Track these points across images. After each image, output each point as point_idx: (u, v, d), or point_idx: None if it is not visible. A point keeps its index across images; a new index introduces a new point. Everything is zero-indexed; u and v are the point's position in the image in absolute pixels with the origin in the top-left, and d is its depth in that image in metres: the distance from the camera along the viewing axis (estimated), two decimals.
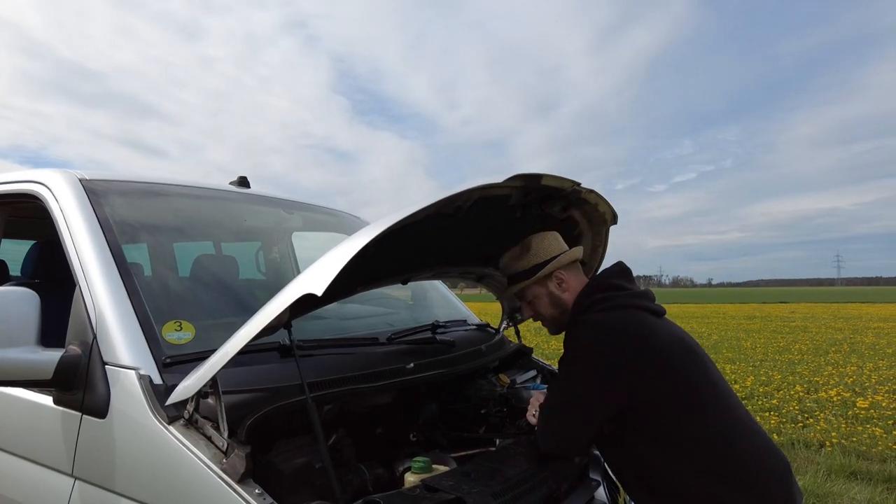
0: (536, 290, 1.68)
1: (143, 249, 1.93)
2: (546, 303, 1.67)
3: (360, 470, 1.46)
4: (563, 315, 1.66)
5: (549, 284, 1.66)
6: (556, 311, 1.67)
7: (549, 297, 1.67)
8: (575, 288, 1.66)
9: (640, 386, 1.41)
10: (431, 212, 1.21)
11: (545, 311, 1.69)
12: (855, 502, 3.80)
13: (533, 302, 1.70)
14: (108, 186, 1.91)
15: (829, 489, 4.08)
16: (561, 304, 1.66)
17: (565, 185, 1.58)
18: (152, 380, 1.34)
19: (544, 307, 1.68)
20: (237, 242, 2.67)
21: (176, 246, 2.05)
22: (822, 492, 4.01)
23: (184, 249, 2.13)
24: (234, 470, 1.15)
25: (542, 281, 1.66)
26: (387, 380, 1.59)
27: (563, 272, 1.66)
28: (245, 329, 1.16)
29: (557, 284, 1.65)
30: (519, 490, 1.34)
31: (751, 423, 1.49)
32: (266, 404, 1.33)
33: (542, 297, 1.68)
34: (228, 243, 2.56)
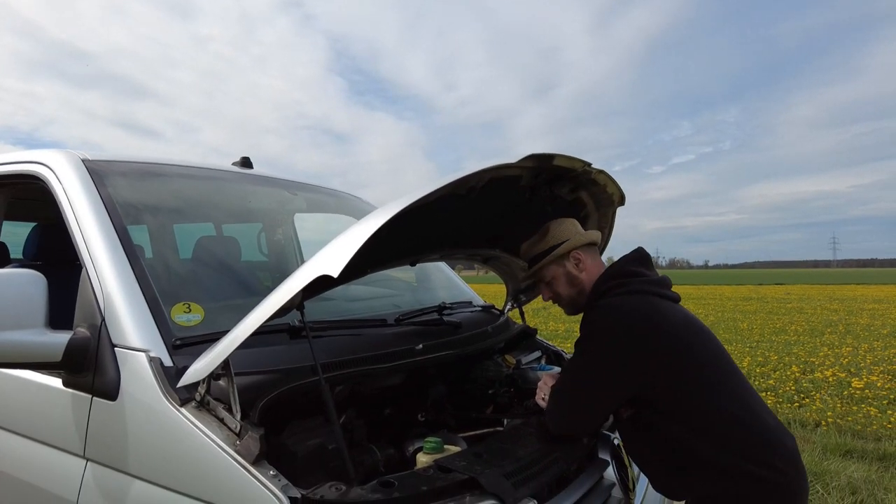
0: (554, 270, 1.71)
1: (147, 231, 1.91)
2: (564, 283, 1.70)
3: (371, 450, 1.47)
4: (581, 296, 1.68)
5: (567, 264, 1.69)
6: (573, 290, 1.70)
7: (567, 277, 1.69)
8: (592, 270, 1.68)
9: (654, 369, 1.41)
10: (445, 192, 1.20)
11: (563, 292, 1.72)
12: (852, 480, 3.86)
13: (551, 282, 1.73)
14: (111, 167, 1.88)
15: (826, 468, 4.14)
16: (578, 283, 1.68)
17: (576, 165, 1.57)
18: (163, 362, 1.34)
19: (562, 287, 1.71)
20: (238, 224, 2.65)
21: (177, 227, 2.03)
22: (819, 470, 4.07)
23: (186, 231, 2.11)
24: (248, 451, 1.15)
25: (560, 261, 1.69)
26: (397, 361, 1.59)
27: (580, 252, 1.68)
28: (259, 310, 1.15)
29: (575, 264, 1.68)
30: (531, 470, 1.34)
31: (763, 401, 1.50)
32: (278, 386, 1.32)
33: (559, 277, 1.70)
34: (229, 224, 2.54)
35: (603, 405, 1.48)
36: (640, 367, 1.41)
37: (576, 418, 1.51)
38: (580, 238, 1.69)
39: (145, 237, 1.89)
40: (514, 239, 2.13)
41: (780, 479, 1.38)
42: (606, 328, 1.44)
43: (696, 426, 1.42)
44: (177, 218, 2.05)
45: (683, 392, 1.43)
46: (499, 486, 1.23)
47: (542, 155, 1.35)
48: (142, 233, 1.85)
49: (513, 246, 2.18)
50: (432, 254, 1.85)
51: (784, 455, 1.41)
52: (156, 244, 1.92)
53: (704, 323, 1.56)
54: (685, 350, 1.43)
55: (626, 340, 1.41)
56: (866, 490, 3.69)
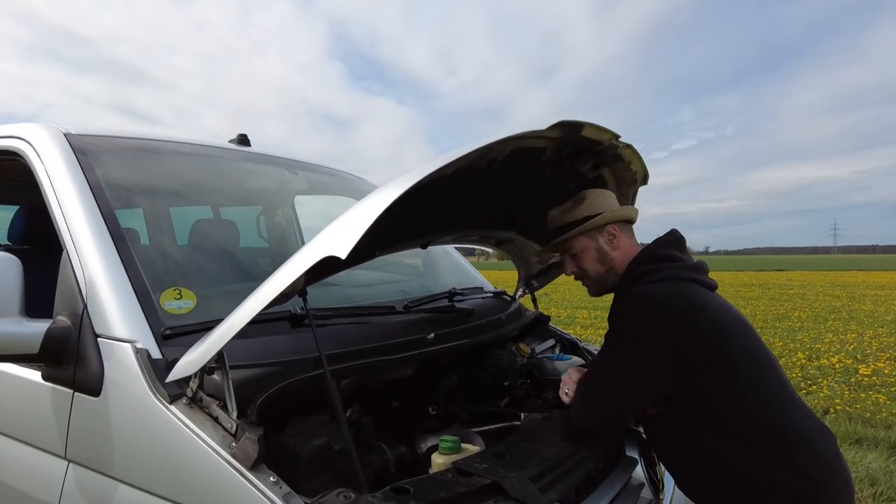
0: (585, 242, 1.55)
1: (135, 213, 1.77)
2: (593, 258, 1.54)
3: (380, 449, 1.35)
4: (610, 275, 1.54)
5: (600, 238, 1.53)
6: (602, 268, 1.55)
7: (598, 253, 1.54)
8: (626, 250, 1.53)
9: (691, 363, 1.29)
10: (464, 164, 1.06)
11: (591, 268, 1.56)
12: (871, 471, 3.76)
13: (579, 256, 1.57)
14: (96, 143, 1.74)
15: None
16: (608, 261, 1.53)
17: (604, 137, 1.43)
18: (150, 354, 1.21)
19: (591, 263, 1.55)
20: (237, 207, 2.50)
21: (172, 210, 1.89)
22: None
23: (179, 214, 1.97)
24: (245, 455, 1.02)
25: (593, 233, 1.53)
26: (407, 351, 1.46)
27: (615, 227, 1.53)
28: (257, 296, 1.02)
29: (608, 240, 1.53)
30: (557, 472, 1.22)
31: (801, 400, 1.38)
32: (278, 380, 1.20)
33: (590, 251, 1.54)
34: (227, 208, 2.40)
35: (635, 402, 1.35)
36: (675, 361, 1.29)
37: (605, 415, 1.38)
38: (618, 212, 1.54)
39: (137, 220, 1.76)
40: (530, 221, 1.99)
41: (815, 490, 1.26)
42: (640, 318, 1.31)
43: (727, 429, 1.30)
44: (167, 199, 1.91)
45: (716, 391, 1.30)
46: (524, 492, 1.10)
47: (571, 123, 1.21)
48: (133, 215, 1.72)
49: (528, 228, 2.04)
50: (445, 235, 1.71)
51: (821, 463, 1.29)
52: (149, 228, 1.78)
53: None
54: (724, 344, 1.31)
55: (662, 332, 1.29)
56: (885, 482, 3.59)
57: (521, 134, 1.11)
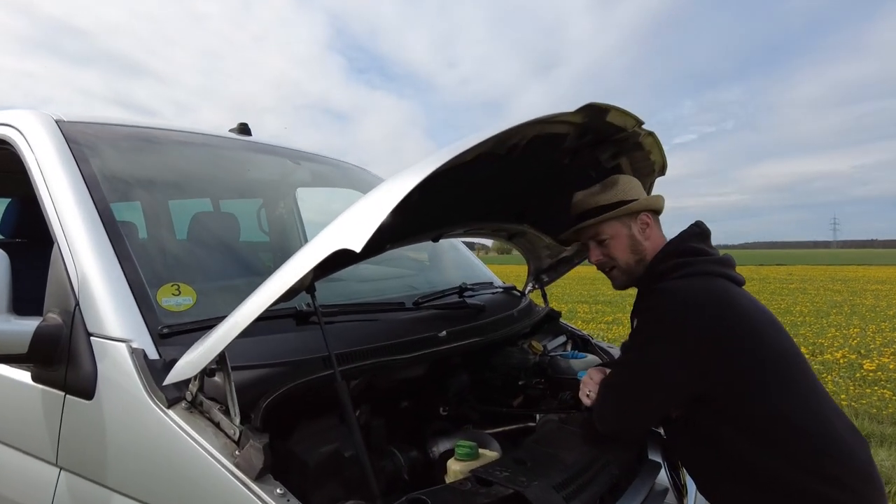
0: (617, 228, 1.43)
1: (131, 205, 1.69)
2: (625, 246, 1.43)
3: (392, 455, 1.27)
4: (639, 266, 1.44)
5: (633, 226, 1.43)
6: (632, 258, 1.44)
7: (630, 241, 1.43)
8: (656, 241, 1.45)
9: (723, 364, 1.21)
10: (485, 149, 0.97)
11: (621, 256, 1.44)
12: (883, 469, 3.70)
13: (609, 243, 1.45)
14: (89, 131, 1.65)
15: None
16: (640, 251, 1.43)
17: (628, 122, 1.35)
18: (146, 354, 1.13)
19: (621, 251, 1.44)
20: (237, 199, 2.42)
21: (170, 203, 1.81)
22: None
23: (178, 207, 1.88)
24: (249, 465, 0.95)
25: (626, 220, 1.43)
26: (419, 350, 1.38)
27: (649, 216, 1.44)
28: (262, 293, 0.94)
29: (641, 229, 1.43)
30: (581, 480, 1.15)
31: (833, 402, 1.30)
32: (284, 382, 1.12)
33: (621, 238, 1.43)
34: (227, 200, 2.31)
35: (663, 404, 1.28)
36: (707, 361, 1.21)
37: (631, 418, 1.30)
38: (652, 200, 1.45)
39: (128, 211, 1.67)
40: (544, 213, 1.91)
41: (848, 499, 1.19)
42: (671, 316, 1.23)
43: (757, 432, 1.23)
44: (165, 191, 1.82)
45: (747, 392, 1.23)
46: (549, 502, 1.03)
47: (599, 106, 1.13)
48: (125, 207, 1.63)
49: (541, 221, 1.96)
50: (458, 228, 1.63)
51: (855, 470, 1.22)
52: (145, 220, 1.70)
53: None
54: (756, 344, 1.23)
55: (694, 331, 1.21)
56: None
57: (547, 117, 1.03)
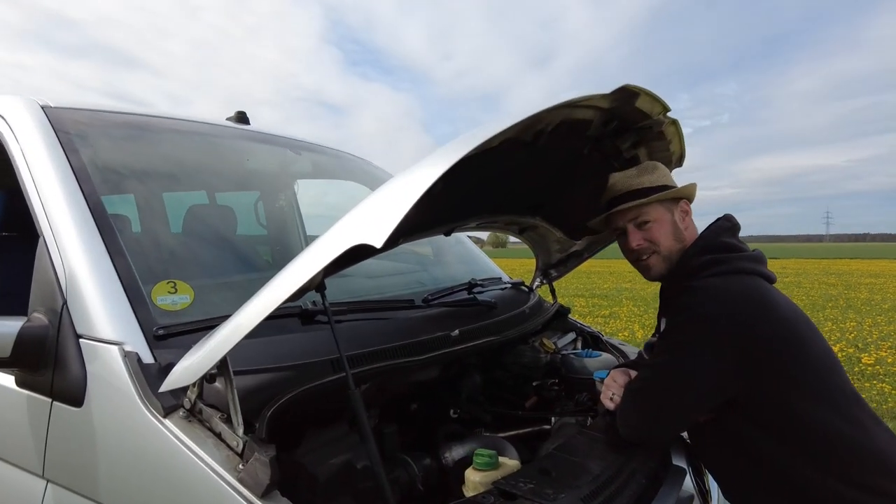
0: (661, 212, 1.35)
1: (124, 198, 1.59)
2: (668, 231, 1.35)
3: (405, 463, 1.19)
4: (678, 255, 1.35)
5: (675, 212, 1.37)
6: (675, 245, 1.35)
7: (673, 227, 1.35)
8: (692, 231, 1.38)
9: (762, 367, 1.14)
10: (512, 134, 0.89)
11: (664, 242, 1.35)
12: None
13: (651, 227, 1.36)
14: (78, 118, 1.55)
15: None
16: (682, 239, 1.36)
17: (656, 109, 1.27)
18: (140, 357, 1.04)
19: (665, 236, 1.35)
20: (234, 192, 2.32)
21: (165, 195, 1.71)
22: None
23: (172, 199, 1.79)
24: (254, 480, 0.86)
25: (669, 205, 1.36)
26: (433, 351, 1.30)
27: (688, 205, 1.39)
28: (269, 291, 0.85)
29: (682, 216, 1.37)
30: (609, 490, 1.07)
31: (870, 407, 1.24)
32: (291, 387, 1.03)
33: (665, 223, 1.35)
34: (224, 193, 2.21)
35: (695, 409, 1.20)
36: (745, 364, 1.13)
37: (661, 425, 1.22)
38: (691, 189, 1.39)
39: (121, 204, 1.57)
40: (558, 206, 1.83)
41: None
42: (708, 316, 1.15)
43: (796, 439, 1.16)
44: (160, 182, 1.72)
45: (785, 399, 1.16)
46: None
47: (632, 89, 1.05)
48: (116, 199, 1.53)
49: (554, 214, 1.88)
50: (471, 221, 1.55)
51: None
52: (139, 214, 1.60)
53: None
54: (796, 348, 1.16)
55: (733, 332, 1.13)
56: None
57: (578, 99, 0.95)
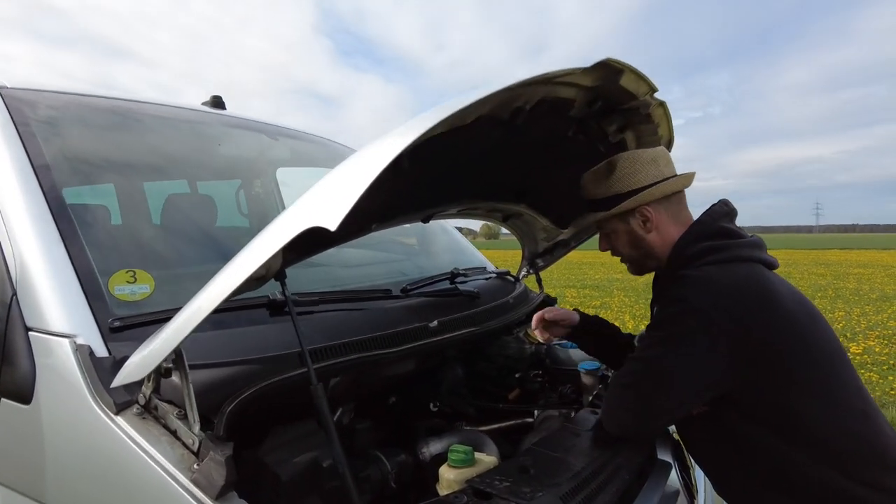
0: (614, 224, 1.32)
1: (87, 185, 1.51)
2: (625, 242, 1.32)
3: (377, 460, 1.14)
4: (648, 259, 1.32)
5: (631, 221, 1.29)
6: (636, 252, 1.32)
7: (629, 237, 1.30)
8: (667, 230, 1.29)
9: (761, 362, 1.09)
10: (486, 110, 0.83)
11: (623, 251, 1.35)
12: None
13: (610, 237, 1.36)
14: (37, 99, 1.47)
15: None
16: (643, 247, 1.30)
17: (642, 88, 1.20)
18: (93, 351, 0.98)
19: (623, 246, 1.34)
20: (215, 181, 2.24)
21: (130, 184, 1.62)
22: None
23: (149, 188, 1.71)
24: (208, 481, 0.81)
25: (623, 216, 1.30)
26: (408, 343, 1.25)
27: (650, 209, 1.28)
28: (219, 282, 0.79)
29: (641, 223, 1.29)
30: (591, 488, 1.03)
31: (875, 404, 1.19)
32: (254, 382, 0.97)
33: (620, 234, 1.32)
34: (204, 182, 2.13)
35: (685, 405, 1.15)
36: (743, 357, 1.08)
37: (649, 420, 1.17)
38: (654, 191, 1.27)
39: (87, 193, 1.49)
40: (543, 193, 1.77)
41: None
42: (701, 308, 1.09)
43: (793, 436, 1.11)
44: (127, 170, 1.63)
45: (782, 393, 1.10)
46: None
47: (614, 64, 0.99)
48: (76, 186, 1.45)
49: (540, 201, 1.82)
50: (450, 207, 1.48)
51: None
52: (95, 199, 1.52)
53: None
54: (796, 341, 1.11)
55: (729, 326, 1.07)
56: None
57: (557, 73, 0.88)
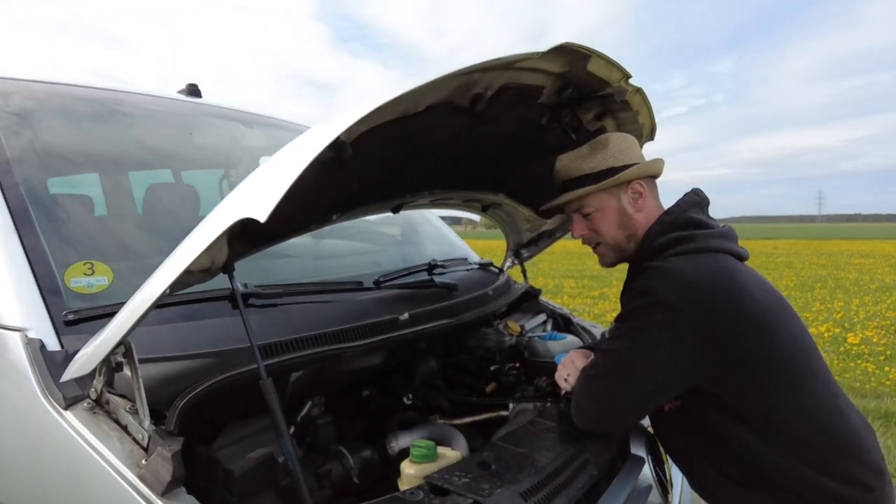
0: (604, 200, 1.25)
1: (66, 179, 1.48)
2: (613, 220, 1.25)
3: (340, 455, 1.12)
4: (629, 242, 1.26)
5: (623, 197, 1.24)
6: (622, 234, 1.26)
7: (619, 214, 1.25)
8: (650, 213, 1.25)
9: (728, 354, 1.07)
10: (439, 98, 0.80)
11: (608, 232, 1.27)
12: None
13: (594, 217, 1.27)
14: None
15: None
16: (631, 226, 1.25)
17: (614, 76, 1.17)
18: (45, 345, 0.95)
19: (608, 226, 1.26)
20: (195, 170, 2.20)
21: (95, 173, 1.58)
22: None
23: (129, 179, 1.67)
24: (155, 477, 0.79)
25: (615, 190, 1.24)
26: (375, 336, 1.22)
27: (642, 184, 1.24)
28: (160, 275, 0.77)
29: (633, 200, 1.24)
30: (555, 484, 1.01)
31: (846, 397, 1.18)
32: (209, 376, 0.95)
33: (609, 211, 1.25)
34: (188, 171, 2.09)
35: (653, 399, 1.13)
36: (711, 350, 1.06)
37: (616, 415, 1.15)
38: (649, 166, 1.25)
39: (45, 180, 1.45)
40: (521, 182, 1.74)
41: (864, 499, 1.08)
42: (667, 300, 1.06)
43: (769, 429, 1.09)
44: (92, 160, 1.59)
45: (753, 386, 1.09)
46: None
47: (576, 49, 0.95)
48: (37, 176, 1.40)
49: (519, 191, 1.79)
50: (420, 197, 1.45)
51: (872, 467, 1.11)
52: (61, 189, 1.48)
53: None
54: (766, 333, 1.08)
55: (696, 318, 1.05)
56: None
57: (513, 57, 0.84)
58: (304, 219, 1.01)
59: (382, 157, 0.92)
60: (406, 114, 0.77)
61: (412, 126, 0.84)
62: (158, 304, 0.91)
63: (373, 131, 0.70)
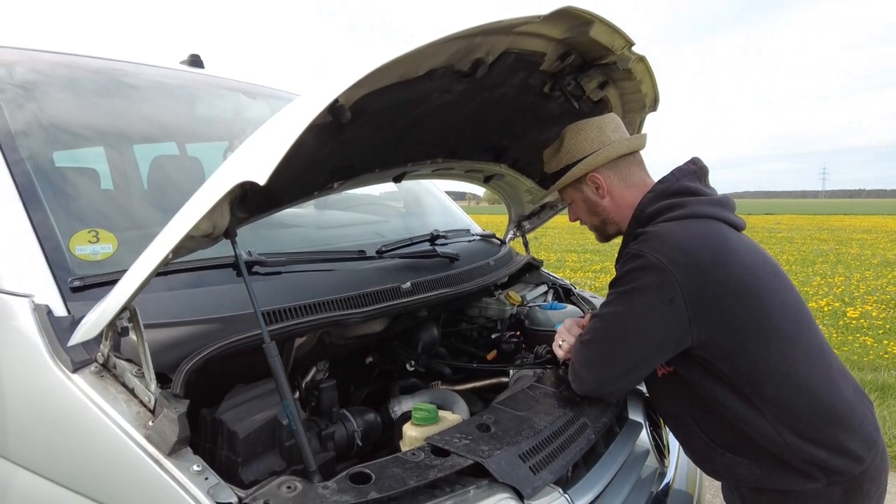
0: (571, 194, 1.36)
1: (72, 153, 1.48)
2: (583, 210, 1.36)
3: (343, 418, 1.14)
4: (608, 225, 1.34)
5: (585, 189, 1.32)
6: (597, 219, 1.35)
7: (586, 204, 1.34)
8: (620, 194, 1.29)
9: (719, 318, 1.08)
10: (440, 62, 0.79)
11: (584, 218, 1.38)
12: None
13: (570, 208, 1.41)
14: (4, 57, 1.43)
15: None
16: (600, 212, 1.32)
17: (617, 42, 1.15)
18: (52, 311, 0.97)
19: (583, 214, 1.38)
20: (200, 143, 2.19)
21: (101, 146, 1.58)
22: None
23: (134, 151, 1.67)
24: (161, 437, 0.81)
25: (576, 184, 1.32)
26: (378, 304, 1.24)
27: (598, 175, 1.29)
28: (160, 240, 0.78)
29: (594, 189, 1.31)
30: (553, 446, 1.03)
31: (839, 361, 1.18)
32: (215, 341, 0.97)
33: (577, 202, 1.36)
34: (192, 144, 2.08)
35: (646, 363, 1.15)
36: (700, 315, 1.07)
37: (610, 379, 1.17)
38: (598, 157, 1.27)
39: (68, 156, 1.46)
40: (524, 152, 1.73)
41: (853, 469, 1.10)
42: (657, 263, 1.07)
43: (756, 395, 1.10)
44: (91, 130, 1.58)
45: (743, 351, 1.10)
46: (513, 474, 0.91)
47: (579, 14, 0.94)
48: (42, 146, 1.41)
49: (521, 161, 1.79)
50: (422, 166, 1.45)
51: (863, 436, 1.12)
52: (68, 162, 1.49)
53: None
54: (758, 296, 1.09)
55: (686, 281, 1.06)
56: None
57: (514, 20, 0.83)
58: (304, 185, 1.01)
59: (382, 123, 0.92)
60: (406, 78, 0.76)
61: (412, 91, 0.84)
62: (163, 270, 0.93)
63: (372, 95, 0.70)
